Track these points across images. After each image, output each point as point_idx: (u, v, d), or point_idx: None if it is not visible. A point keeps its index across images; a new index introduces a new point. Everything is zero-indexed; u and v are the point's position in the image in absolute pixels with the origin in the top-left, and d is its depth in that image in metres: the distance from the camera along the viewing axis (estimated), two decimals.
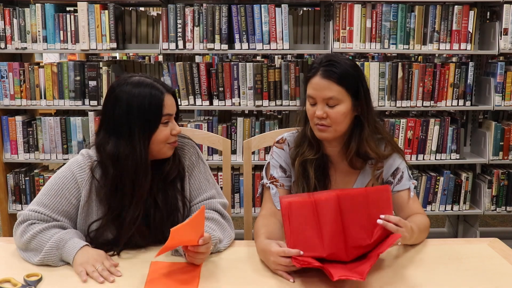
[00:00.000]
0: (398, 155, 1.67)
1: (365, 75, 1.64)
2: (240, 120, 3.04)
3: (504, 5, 2.90)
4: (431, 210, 3.13)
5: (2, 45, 2.97)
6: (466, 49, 2.97)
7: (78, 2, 2.91)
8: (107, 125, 1.49)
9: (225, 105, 2.99)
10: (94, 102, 2.96)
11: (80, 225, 1.52)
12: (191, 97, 2.98)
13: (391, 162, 1.66)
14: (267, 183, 1.68)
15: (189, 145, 1.64)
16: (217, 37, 2.92)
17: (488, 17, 3.19)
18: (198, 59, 4.80)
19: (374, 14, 2.93)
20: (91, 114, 2.98)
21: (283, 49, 2.93)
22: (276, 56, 4.75)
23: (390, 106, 2.98)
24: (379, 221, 1.35)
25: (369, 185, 1.66)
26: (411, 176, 1.69)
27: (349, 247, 1.34)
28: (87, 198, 1.50)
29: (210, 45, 2.93)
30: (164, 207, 1.53)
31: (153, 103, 1.46)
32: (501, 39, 2.92)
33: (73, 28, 2.93)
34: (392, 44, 2.95)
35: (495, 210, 3.16)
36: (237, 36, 2.91)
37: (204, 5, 2.92)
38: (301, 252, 1.31)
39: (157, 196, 1.53)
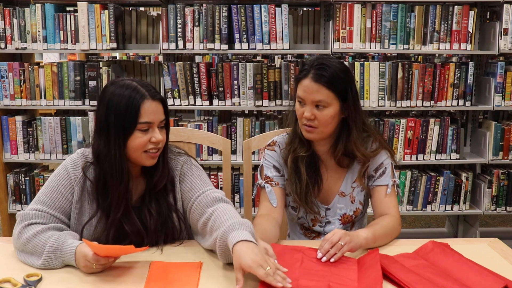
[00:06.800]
0: (385, 151, 1.70)
1: (355, 79, 1.65)
2: (240, 120, 3.04)
3: (504, 5, 2.90)
4: (431, 210, 3.13)
5: (2, 45, 2.97)
6: (466, 49, 2.97)
7: (78, 2, 2.91)
8: (95, 124, 1.51)
9: (225, 105, 2.99)
10: (94, 102, 2.95)
11: (73, 223, 1.52)
12: (191, 97, 2.98)
13: (377, 158, 1.69)
14: (262, 183, 1.71)
15: (184, 159, 1.59)
16: (217, 37, 2.92)
17: (488, 17, 3.19)
18: (198, 59, 4.80)
19: (374, 14, 2.92)
20: (91, 114, 2.98)
21: (283, 49, 2.93)
22: (276, 56, 4.75)
23: (390, 106, 2.97)
24: (324, 258, 1.36)
25: (356, 181, 1.71)
26: (395, 174, 1.71)
27: None
28: (80, 196, 1.51)
29: (210, 45, 2.93)
30: (157, 216, 1.52)
31: (129, 107, 1.41)
32: (501, 39, 2.92)
33: (73, 28, 2.93)
34: (392, 44, 2.95)
35: (495, 210, 3.16)
36: (237, 36, 2.91)
37: (204, 5, 2.92)
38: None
39: (150, 205, 1.53)
